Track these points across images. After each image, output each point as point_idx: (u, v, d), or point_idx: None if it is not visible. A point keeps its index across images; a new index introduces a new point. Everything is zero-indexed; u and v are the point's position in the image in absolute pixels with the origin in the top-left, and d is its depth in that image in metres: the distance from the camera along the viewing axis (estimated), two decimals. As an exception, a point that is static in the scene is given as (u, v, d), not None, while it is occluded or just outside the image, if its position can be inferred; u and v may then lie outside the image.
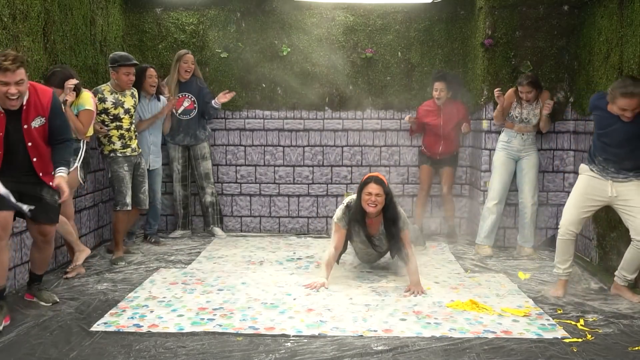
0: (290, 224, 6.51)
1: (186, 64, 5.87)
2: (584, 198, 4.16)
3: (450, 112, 5.94)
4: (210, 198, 6.16)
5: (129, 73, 5.05)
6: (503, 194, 5.48)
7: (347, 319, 3.68)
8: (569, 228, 4.19)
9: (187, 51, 5.96)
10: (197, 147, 6.08)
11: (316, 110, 6.40)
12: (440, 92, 5.90)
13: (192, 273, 4.77)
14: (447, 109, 5.96)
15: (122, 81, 5.03)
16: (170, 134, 6.01)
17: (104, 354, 3.12)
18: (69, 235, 4.53)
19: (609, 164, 4.07)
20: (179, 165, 6.11)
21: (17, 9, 4.10)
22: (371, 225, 4.53)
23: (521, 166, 5.44)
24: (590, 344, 3.31)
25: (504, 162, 5.45)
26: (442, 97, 5.92)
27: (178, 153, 6.09)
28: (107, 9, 5.77)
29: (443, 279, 4.65)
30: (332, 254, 4.48)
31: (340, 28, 6.32)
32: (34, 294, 3.95)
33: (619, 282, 4.18)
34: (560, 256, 4.26)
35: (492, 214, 5.48)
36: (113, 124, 5.02)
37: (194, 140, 6.06)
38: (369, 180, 4.42)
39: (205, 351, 3.16)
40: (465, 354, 3.16)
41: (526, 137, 5.42)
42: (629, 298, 4.11)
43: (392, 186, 6.36)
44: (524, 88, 5.28)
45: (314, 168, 6.46)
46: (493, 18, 5.71)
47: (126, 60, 5.02)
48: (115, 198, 5.12)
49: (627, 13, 4.60)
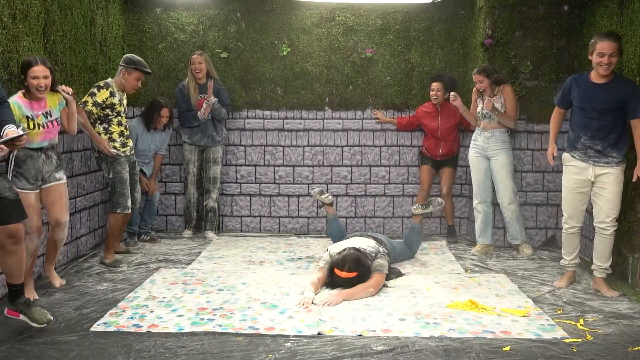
0: (290, 224, 6.51)
1: (193, 65, 5.85)
2: (573, 193, 4.35)
3: (448, 114, 5.94)
4: (212, 203, 6.16)
5: (140, 79, 5.05)
6: (483, 192, 5.48)
7: (347, 319, 3.68)
8: (569, 222, 4.38)
9: (197, 52, 5.93)
10: (212, 149, 6.08)
11: (316, 110, 6.40)
12: (437, 92, 5.91)
13: (192, 273, 4.77)
14: (445, 110, 5.97)
15: (130, 84, 5.02)
16: (189, 134, 6.00)
17: (104, 354, 3.12)
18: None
19: (594, 143, 4.16)
20: (194, 168, 6.09)
21: (17, 9, 4.10)
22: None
23: (492, 166, 5.42)
24: (590, 344, 3.31)
25: (474, 160, 5.48)
26: (438, 97, 5.92)
27: (194, 156, 6.07)
28: (107, 9, 5.78)
29: (443, 279, 4.65)
30: (316, 283, 4.23)
31: (340, 28, 6.32)
32: (20, 310, 3.40)
33: (597, 275, 4.29)
34: (565, 248, 4.47)
35: (479, 213, 5.50)
36: (116, 119, 4.98)
37: (210, 142, 6.05)
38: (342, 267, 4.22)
39: (205, 351, 3.16)
40: (465, 354, 3.16)
41: (490, 134, 5.37)
42: (605, 293, 4.22)
43: (391, 187, 6.42)
44: (475, 77, 5.32)
45: (314, 168, 6.46)
46: (493, 18, 5.71)
47: (143, 67, 5.01)
48: (116, 200, 4.99)
49: (627, 13, 4.60)
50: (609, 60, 4.00)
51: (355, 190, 6.45)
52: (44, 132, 3.95)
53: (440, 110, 5.98)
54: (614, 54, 4.01)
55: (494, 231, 5.75)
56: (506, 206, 5.40)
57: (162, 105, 5.64)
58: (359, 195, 6.45)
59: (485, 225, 5.51)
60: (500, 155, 5.36)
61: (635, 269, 4.38)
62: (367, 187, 6.45)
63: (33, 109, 3.88)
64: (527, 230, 5.82)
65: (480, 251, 5.47)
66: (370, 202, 6.46)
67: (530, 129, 5.79)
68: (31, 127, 3.85)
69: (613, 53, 4.00)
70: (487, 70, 5.29)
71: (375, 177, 6.43)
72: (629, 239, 4.47)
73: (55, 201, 4.15)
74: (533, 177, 5.84)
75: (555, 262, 5.24)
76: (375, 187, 6.44)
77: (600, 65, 4.04)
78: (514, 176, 5.51)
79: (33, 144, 3.91)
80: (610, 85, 4.09)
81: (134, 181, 5.22)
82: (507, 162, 5.38)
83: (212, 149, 6.08)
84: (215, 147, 6.08)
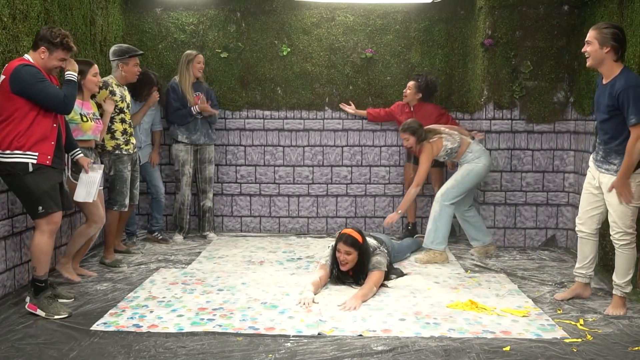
0: (290, 224, 6.51)
1: (199, 64, 5.82)
2: (584, 194, 4.05)
3: (422, 117, 5.80)
4: (209, 203, 6.14)
5: (137, 64, 5.09)
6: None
7: (347, 319, 3.68)
8: (579, 226, 4.08)
9: (198, 52, 5.91)
10: (207, 149, 6.04)
11: (316, 110, 6.40)
12: (407, 90, 5.93)
13: (192, 273, 4.77)
14: (419, 112, 5.92)
15: (131, 72, 5.02)
16: (186, 134, 5.94)
17: (104, 354, 3.12)
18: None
19: (600, 148, 3.89)
20: (190, 168, 5.99)
21: (17, 9, 4.10)
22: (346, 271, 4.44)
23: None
24: (590, 344, 3.32)
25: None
26: (407, 95, 5.94)
27: (190, 156, 5.97)
28: (107, 9, 5.78)
29: (443, 279, 4.65)
30: (317, 282, 4.26)
31: (340, 28, 6.32)
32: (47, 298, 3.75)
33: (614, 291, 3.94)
34: (578, 254, 4.15)
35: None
36: (119, 116, 4.95)
37: (207, 139, 6.01)
38: (341, 238, 4.31)
39: (205, 351, 3.16)
40: (465, 354, 3.16)
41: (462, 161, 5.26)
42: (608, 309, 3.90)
43: (391, 187, 6.42)
44: (400, 135, 5.32)
45: (314, 168, 6.46)
46: (493, 18, 5.71)
47: (135, 52, 5.06)
48: (114, 197, 4.99)
49: (627, 13, 4.60)
50: (589, 48, 3.74)
51: (355, 190, 6.45)
52: (94, 126, 4.50)
53: (415, 111, 5.96)
54: (589, 42, 3.73)
55: (494, 231, 5.76)
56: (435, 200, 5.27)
57: (153, 83, 5.55)
58: (359, 195, 6.45)
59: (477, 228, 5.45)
60: (466, 164, 5.23)
61: (636, 269, 4.37)
62: (367, 187, 6.45)
63: (84, 108, 4.46)
64: (527, 231, 5.83)
65: (479, 251, 5.44)
66: (370, 202, 6.45)
67: (530, 129, 5.79)
68: (84, 120, 4.42)
69: (588, 41, 3.74)
70: (411, 128, 5.21)
71: (375, 177, 6.43)
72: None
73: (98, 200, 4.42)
74: (533, 177, 5.84)
75: (556, 262, 5.24)
76: (375, 187, 6.44)
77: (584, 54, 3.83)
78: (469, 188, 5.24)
79: (85, 136, 4.45)
80: (609, 85, 3.73)
81: (134, 177, 5.18)
82: (469, 170, 5.19)
83: (207, 148, 6.05)
84: (210, 146, 6.07)
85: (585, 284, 4.16)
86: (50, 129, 3.73)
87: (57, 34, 3.68)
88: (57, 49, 3.69)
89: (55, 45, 3.68)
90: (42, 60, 3.70)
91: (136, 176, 5.23)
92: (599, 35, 3.69)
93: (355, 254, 4.30)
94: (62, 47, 3.71)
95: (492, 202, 5.85)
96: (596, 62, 3.75)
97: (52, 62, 3.72)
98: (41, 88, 3.61)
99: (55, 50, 3.69)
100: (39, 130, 3.67)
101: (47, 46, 3.68)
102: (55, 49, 3.69)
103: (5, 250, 4.01)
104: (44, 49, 3.68)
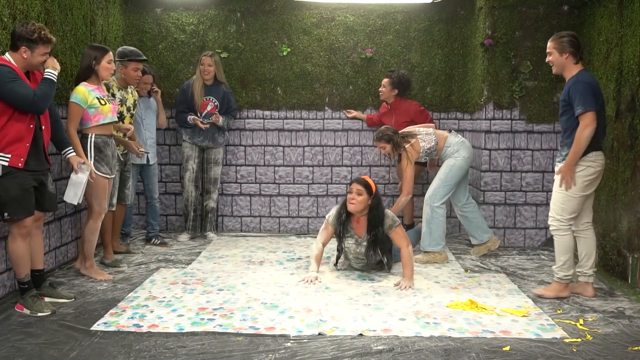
0: (290, 224, 6.51)
1: (202, 65, 5.78)
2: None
3: (400, 113, 5.85)
4: (212, 204, 6.14)
5: (138, 69, 5.02)
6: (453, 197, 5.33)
7: (347, 318, 3.68)
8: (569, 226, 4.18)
9: (207, 52, 5.86)
10: (213, 150, 6.03)
11: (316, 110, 6.41)
12: (382, 87, 5.95)
13: (193, 273, 4.77)
14: (398, 109, 5.93)
15: (130, 77, 5.00)
16: (190, 134, 5.94)
17: (104, 354, 3.12)
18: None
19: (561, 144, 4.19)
20: (194, 164, 5.97)
21: (17, 9, 4.10)
22: (357, 228, 4.61)
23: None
24: (590, 344, 3.32)
25: None
26: (384, 93, 5.95)
27: (195, 152, 5.96)
28: (107, 9, 5.78)
29: (443, 279, 4.66)
30: (320, 248, 4.62)
31: (340, 28, 6.32)
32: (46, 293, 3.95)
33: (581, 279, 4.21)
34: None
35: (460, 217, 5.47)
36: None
37: (211, 143, 5.99)
38: (353, 180, 4.58)
39: (205, 351, 3.17)
40: (465, 353, 3.16)
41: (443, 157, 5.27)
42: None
43: (391, 187, 6.42)
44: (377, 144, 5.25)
45: (314, 168, 6.47)
46: (493, 18, 5.71)
47: (136, 56, 4.98)
48: None
49: (627, 13, 4.60)
50: (549, 58, 4.10)
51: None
52: (112, 107, 4.51)
53: (393, 109, 5.97)
54: (550, 52, 4.09)
55: (494, 231, 5.75)
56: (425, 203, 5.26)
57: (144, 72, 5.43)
58: (359, 195, 6.44)
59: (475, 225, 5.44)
60: (447, 160, 5.23)
61: (635, 269, 4.38)
62: (367, 187, 6.44)
63: (99, 91, 4.43)
64: (527, 231, 5.83)
65: (478, 251, 5.43)
66: (370, 202, 6.45)
67: (530, 129, 5.80)
68: (102, 103, 4.40)
69: (549, 51, 4.09)
70: (386, 136, 5.16)
71: (375, 177, 6.43)
72: (629, 239, 4.48)
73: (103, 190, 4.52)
74: (533, 177, 5.84)
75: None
76: (375, 187, 6.44)
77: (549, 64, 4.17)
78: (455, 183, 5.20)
79: (107, 119, 4.44)
80: (566, 84, 4.08)
81: (125, 177, 5.15)
82: (450, 166, 5.18)
83: (214, 150, 6.03)
84: (216, 148, 6.05)
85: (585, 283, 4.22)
86: (26, 130, 3.61)
87: (33, 29, 3.59)
88: (37, 45, 3.61)
89: (35, 41, 3.59)
90: (24, 60, 3.62)
91: (128, 176, 5.19)
92: (557, 45, 4.04)
93: (366, 197, 4.45)
94: (42, 41, 3.62)
95: (492, 202, 5.86)
96: (559, 68, 4.10)
97: (36, 59, 3.65)
98: (10, 88, 3.50)
99: (37, 47, 3.61)
100: (12, 131, 3.56)
101: (27, 45, 3.59)
102: (35, 45, 3.61)
103: (5, 250, 4.01)
104: (25, 49, 3.59)
